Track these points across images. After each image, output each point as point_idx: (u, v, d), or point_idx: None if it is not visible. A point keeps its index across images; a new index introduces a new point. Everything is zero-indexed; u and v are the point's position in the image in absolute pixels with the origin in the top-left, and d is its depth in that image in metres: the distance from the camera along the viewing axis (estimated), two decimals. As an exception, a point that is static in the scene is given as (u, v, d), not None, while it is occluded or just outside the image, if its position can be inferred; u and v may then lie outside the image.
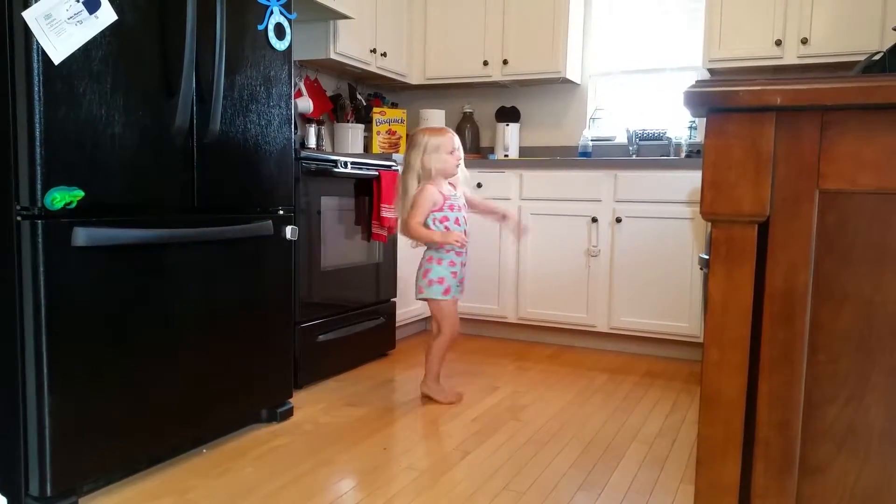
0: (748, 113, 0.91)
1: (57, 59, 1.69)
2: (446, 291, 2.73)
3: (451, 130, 2.80)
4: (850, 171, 0.88)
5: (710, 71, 3.72)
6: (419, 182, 2.73)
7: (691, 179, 3.39)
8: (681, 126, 4.03)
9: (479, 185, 3.90)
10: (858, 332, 0.91)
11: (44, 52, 1.67)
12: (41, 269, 1.71)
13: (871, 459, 0.91)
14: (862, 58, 2.01)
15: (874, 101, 0.86)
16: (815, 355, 0.93)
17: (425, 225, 2.71)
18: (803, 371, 0.93)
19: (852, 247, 0.90)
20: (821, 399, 0.93)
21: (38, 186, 1.69)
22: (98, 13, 1.76)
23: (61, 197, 1.72)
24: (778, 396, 0.94)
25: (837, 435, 0.93)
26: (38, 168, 1.69)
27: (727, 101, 0.90)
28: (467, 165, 3.97)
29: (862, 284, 0.90)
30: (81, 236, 1.78)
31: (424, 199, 2.70)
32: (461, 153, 2.79)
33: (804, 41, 3.47)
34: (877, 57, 1.66)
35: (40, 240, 1.71)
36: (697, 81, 0.94)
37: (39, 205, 1.70)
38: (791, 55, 3.52)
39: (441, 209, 2.72)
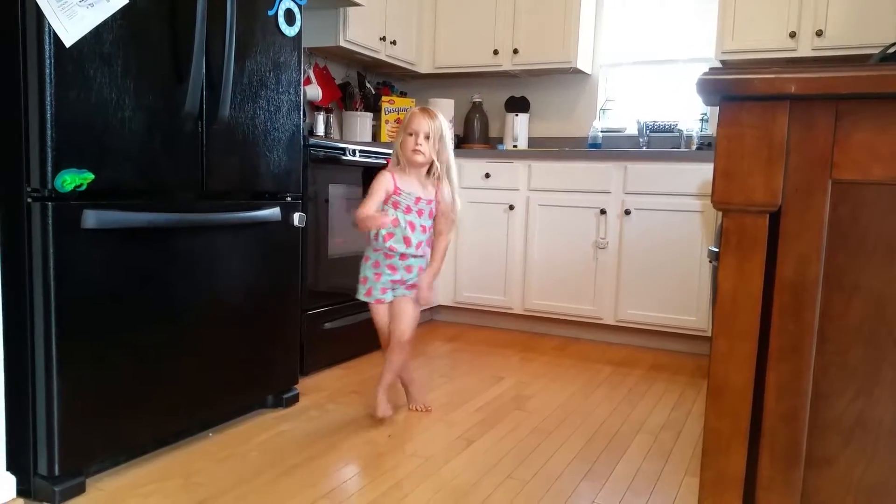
0: (762, 101, 0.90)
1: (68, 41, 1.69)
2: (367, 293, 2.44)
3: (432, 113, 2.36)
4: (864, 161, 0.88)
5: (723, 63, 3.69)
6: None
7: (702, 172, 3.37)
8: (692, 118, 4.00)
9: (487, 176, 3.89)
10: (869, 325, 0.90)
11: (55, 35, 1.67)
12: (51, 250, 1.72)
13: (878, 453, 0.91)
14: (878, 50, 1.99)
15: (890, 91, 0.85)
16: (824, 347, 0.92)
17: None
18: (812, 363, 0.92)
19: (864, 239, 0.89)
20: (829, 391, 0.93)
21: (49, 169, 1.70)
22: (109, -4, 1.76)
23: (72, 179, 1.72)
24: (786, 388, 0.94)
25: (845, 428, 0.92)
26: (49, 150, 1.69)
27: (741, 89, 0.90)
28: (476, 156, 3.99)
29: (873, 277, 0.89)
30: (91, 219, 1.78)
31: (376, 186, 2.36)
32: (427, 141, 2.32)
33: (819, 33, 3.44)
34: (892, 49, 1.64)
35: (50, 222, 1.71)
36: (711, 69, 0.93)
37: (50, 187, 1.70)
38: (805, 47, 3.48)
39: (386, 202, 2.37)
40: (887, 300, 0.89)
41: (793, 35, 3.49)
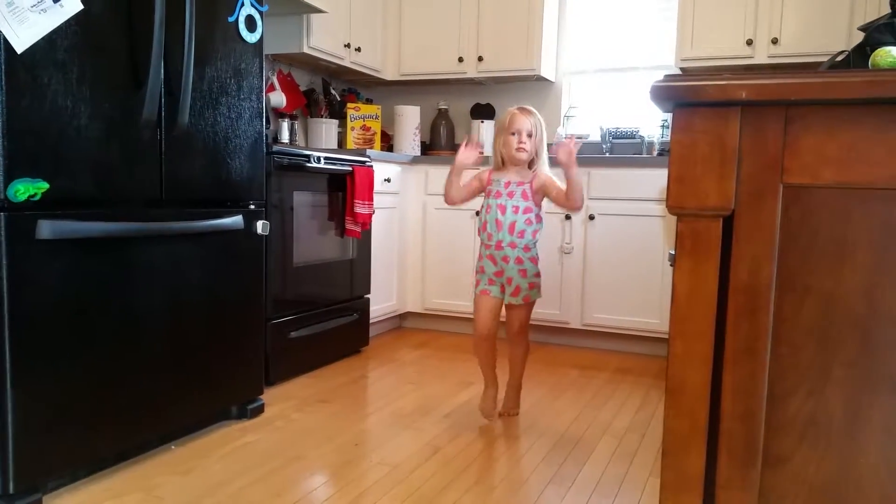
0: (714, 108, 0.92)
1: (19, 47, 1.65)
2: (476, 283, 2.55)
3: (530, 111, 2.45)
4: (813, 165, 0.90)
5: (683, 70, 3.76)
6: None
7: (663, 177, 3.41)
8: (653, 125, 4.06)
9: (453, 182, 3.89)
10: (820, 325, 0.92)
11: (6, 41, 1.63)
12: (4, 262, 1.67)
13: (830, 450, 0.93)
14: (828, 57, 2.05)
15: (836, 96, 0.87)
16: (778, 348, 0.94)
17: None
18: (766, 363, 0.94)
19: (815, 241, 0.91)
20: (783, 391, 0.94)
21: (1, 178, 1.66)
22: (63, 2, 1.73)
23: (25, 189, 1.68)
24: (742, 388, 0.95)
25: (799, 426, 0.94)
26: (1, 159, 1.65)
27: (693, 96, 0.91)
28: (442, 163, 3.99)
29: (824, 278, 0.92)
30: (46, 229, 1.74)
31: (470, 178, 2.55)
32: (530, 139, 2.41)
33: (774, 41, 3.52)
34: (840, 57, 1.69)
35: (3, 232, 1.67)
36: (665, 76, 0.94)
37: (2, 197, 1.66)
38: (762, 55, 3.57)
39: (480, 193, 2.54)
40: (837, 300, 0.91)
41: (750, 43, 3.57)
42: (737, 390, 0.95)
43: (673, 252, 0.92)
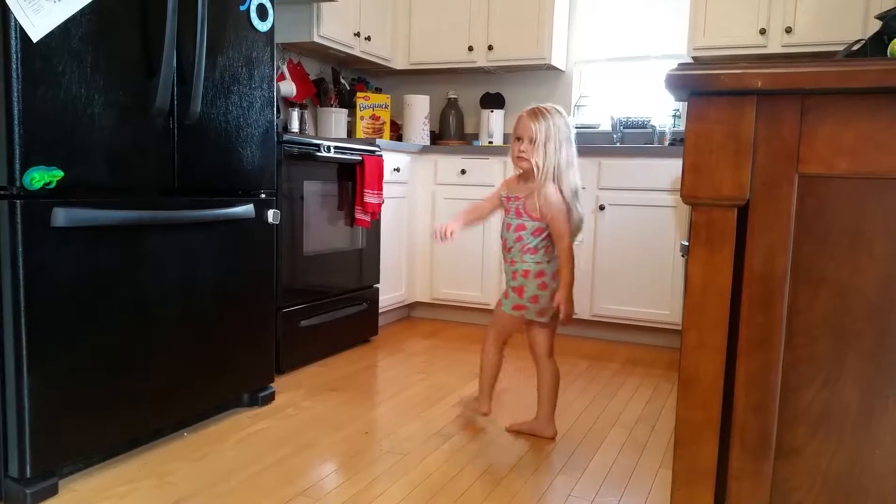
0: (729, 96, 0.91)
1: (35, 36, 1.66)
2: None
3: (540, 112, 2.20)
4: (828, 155, 0.89)
5: (695, 59, 3.73)
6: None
7: (674, 167, 3.41)
8: (665, 114, 4.04)
9: (462, 172, 3.89)
10: (834, 316, 0.92)
11: (22, 30, 1.64)
12: (20, 249, 1.69)
13: (844, 442, 0.93)
14: (844, 47, 2.03)
15: (852, 85, 0.86)
16: (792, 339, 0.94)
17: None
18: (780, 354, 0.94)
19: (830, 231, 0.91)
20: (797, 382, 0.94)
21: (17, 166, 1.67)
22: (77, -10, 1.73)
23: (40, 177, 1.69)
24: (755, 379, 0.95)
25: (812, 418, 0.94)
26: (17, 147, 1.66)
27: (709, 85, 0.91)
28: (452, 152, 3.99)
29: (839, 268, 0.91)
30: (60, 217, 1.75)
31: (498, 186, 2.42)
32: (533, 145, 2.15)
33: (788, 30, 3.49)
34: (857, 46, 1.67)
35: (19, 220, 1.68)
36: (679, 65, 0.94)
37: (18, 184, 1.68)
38: (775, 44, 3.54)
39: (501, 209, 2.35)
40: (852, 291, 0.91)
41: (763, 32, 3.54)
42: (750, 381, 0.95)
43: (686, 242, 0.92)
